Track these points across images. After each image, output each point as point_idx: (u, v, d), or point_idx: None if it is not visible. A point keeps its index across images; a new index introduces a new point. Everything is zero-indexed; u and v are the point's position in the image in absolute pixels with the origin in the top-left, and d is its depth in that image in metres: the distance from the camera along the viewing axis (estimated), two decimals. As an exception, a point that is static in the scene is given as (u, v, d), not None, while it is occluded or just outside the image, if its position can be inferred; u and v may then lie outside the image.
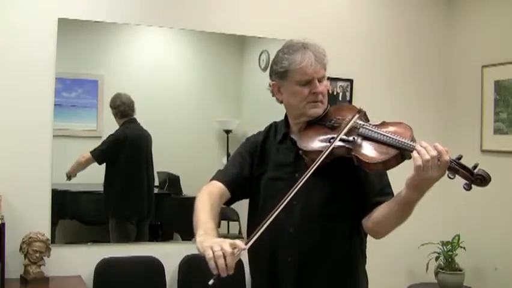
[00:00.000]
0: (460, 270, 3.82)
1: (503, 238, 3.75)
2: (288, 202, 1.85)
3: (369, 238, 1.95)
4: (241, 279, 3.36)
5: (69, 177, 3.39)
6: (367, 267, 1.98)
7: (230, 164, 2.03)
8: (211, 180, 1.98)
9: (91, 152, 3.44)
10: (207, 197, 1.86)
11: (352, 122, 1.79)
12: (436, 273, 3.82)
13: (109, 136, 3.50)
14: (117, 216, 3.54)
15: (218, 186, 1.92)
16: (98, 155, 3.46)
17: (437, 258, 3.84)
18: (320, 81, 1.87)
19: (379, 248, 2.28)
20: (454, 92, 4.22)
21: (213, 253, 1.54)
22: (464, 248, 3.85)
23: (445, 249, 3.83)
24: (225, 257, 1.54)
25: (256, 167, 1.97)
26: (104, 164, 3.50)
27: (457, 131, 4.11)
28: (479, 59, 3.97)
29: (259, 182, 1.96)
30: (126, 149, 3.59)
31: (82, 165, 3.43)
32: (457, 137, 4.04)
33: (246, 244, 1.58)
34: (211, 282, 1.54)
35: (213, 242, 1.58)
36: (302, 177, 1.68)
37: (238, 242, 1.57)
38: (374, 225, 1.82)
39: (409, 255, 3.98)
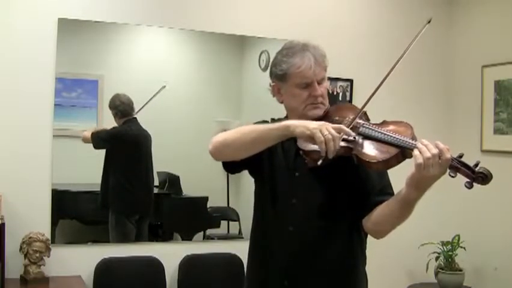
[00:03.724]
0: (460, 270, 3.81)
1: (503, 238, 3.75)
2: (287, 201, 1.86)
3: (369, 238, 1.94)
4: (241, 278, 3.36)
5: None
6: (367, 267, 1.98)
7: None
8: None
9: (92, 134, 3.44)
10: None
11: (354, 121, 1.79)
12: (436, 273, 3.82)
13: (112, 128, 3.51)
14: (116, 213, 3.53)
15: None
16: (97, 141, 3.45)
17: (437, 258, 3.83)
18: (319, 83, 1.86)
19: (379, 248, 2.28)
20: (454, 92, 4.22)
21: (324, 136, 1.62)
22: (464, 248, 3.84)
23: (445, 249, 3.82)
24: (333, 140, 1.63)
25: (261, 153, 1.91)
26: (103, 162, 3.49)
27: (457, 131, 4.11)
28: (479, 59, 3.97)
29: (263, 172, 1.94)
30: (125, 147, 3.60)
31: (85, 141, 3.45)
32: (457, 137, 4.04)
33: (348, 127, 1.72)
34: (319, 162, 1.67)
35: (320, 124, 1.67)
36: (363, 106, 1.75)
37: (342, 126, 1.69)
38: (374, 225, 1.81)
39: (409, 255, 3.97)
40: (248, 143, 1.80)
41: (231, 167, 1.97)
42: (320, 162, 1.66)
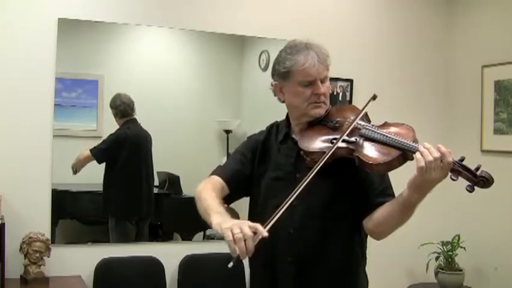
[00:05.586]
0: (460, 270, 3.82)
1: (503, 238, 3.75)
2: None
3: (369, 238, 1.95)
4: (241, 279, 3.36)
5: (75, 171, 3.40)
6: (367, 267, 1.98)
7: (231, 161, 2.03)
8: (210, 175, 1.98)
9: (90, 150, 3.44)
10: (210, 186, 1.87)
11: (355, 122, 1.78)
12: (436, 273, 3.82)
13: (110, 135, 3.50)
14: (117, 216, 3.54)
15: (218, 181, 1.92)
16: (98, 154, 3.45)
17: (437, 258, 3.84)
18: (322, 82, 1.87)
19: (379, 248, 2.28)
20: (454, 92, 4.22)
21: (233, 236, 1.52)
22: (464, 248, 3.85)
23: (445, 249, 3.83)
24: (245, 240, 1.51)
25: (258, 166, 1.96)
26: (104, 163, 3.49)
27: (457, 131, 4.11)
28: (479, 59, 3.97)
29: (260, 181, 1.95)
30: (126, 149, 3.59)
31: (80, 163, 3.42)
32: (457, 137, 4.04)
33: (265, 228, 1.55)
34: (230, 264, 1.50)
35: (233, 224, 1.57)
36: (306, 177, 1.67)
37: (258, 226, 1.55)
38: (374, 226, 1.81)
39: (409, 255, 3.97)
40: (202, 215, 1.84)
41: (226, 200, 1.97)
42: (230, 265, 1.49)
